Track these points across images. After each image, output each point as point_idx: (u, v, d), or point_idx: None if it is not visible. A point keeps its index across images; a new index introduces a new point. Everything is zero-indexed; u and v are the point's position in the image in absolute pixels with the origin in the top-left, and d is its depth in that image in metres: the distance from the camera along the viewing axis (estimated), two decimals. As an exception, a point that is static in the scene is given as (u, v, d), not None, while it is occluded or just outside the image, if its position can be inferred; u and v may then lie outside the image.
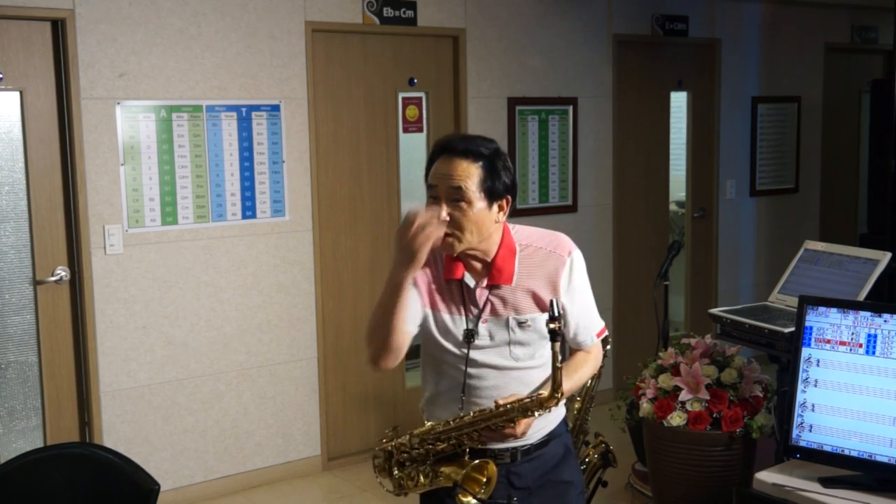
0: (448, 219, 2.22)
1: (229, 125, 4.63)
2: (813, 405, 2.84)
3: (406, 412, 5.30)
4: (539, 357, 2.35)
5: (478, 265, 2.34)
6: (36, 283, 4.27)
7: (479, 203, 2.24)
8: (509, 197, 2.30)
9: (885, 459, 2.72)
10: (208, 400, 4.68)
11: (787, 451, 2.90)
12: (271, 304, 4.82)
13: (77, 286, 4.33)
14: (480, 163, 2.25)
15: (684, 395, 3.80)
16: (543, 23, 5.65)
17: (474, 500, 2.24)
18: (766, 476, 2.88)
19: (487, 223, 2.27)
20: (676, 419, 3.78)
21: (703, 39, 6.48)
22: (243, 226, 4.71)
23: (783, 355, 3.69)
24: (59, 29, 4.22)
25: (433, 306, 2.37)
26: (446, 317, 2.36)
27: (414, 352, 2.63)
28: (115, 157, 4.35)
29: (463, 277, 2.33)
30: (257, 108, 4.70)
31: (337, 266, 5.07)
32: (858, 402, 2.77)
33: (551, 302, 2.13)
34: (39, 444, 4.30)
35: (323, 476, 5.00)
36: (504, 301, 2.31)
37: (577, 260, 2.36)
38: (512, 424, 2.24)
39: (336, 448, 5.11)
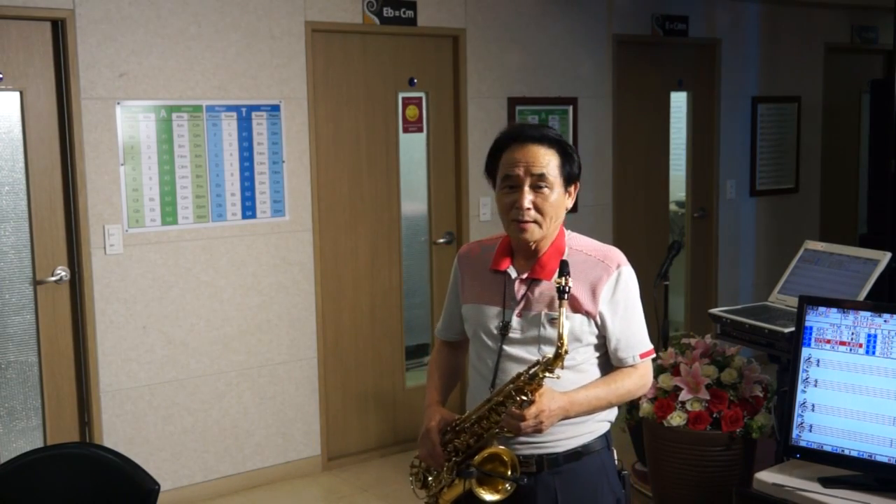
0: None
1: (229, 125, 4.63)
2: (813, 405, 2.84)
3: (406, 412, 5.30)
4: (569, 359, 2.24)
5: (525, 260, 2.34)
6: (36, 283, 4.27)
7: (558, 189, 2.27)
8: (577, 183, 2.32)
9: (885, 459, 2.72)
10: (208, 400, 4.68)
11: (787, 451, 2.90)
12: (271, 304, 4.82)
13: (77, 286, 4.33)
14: (556, 149, 2.27)
15: (684, 395, 3.80)
16: (543, 23, 5.65)
17: (489, 497, 2.19)
18: (766, 476, 2.88)
19: (562, 209, 2.30)
20: (676, 419, 3.78)
21: (703, 39, 6.48)
22: (243, 226, 4.71)
23: (783, 355, 3.69)
24: (59, 29, 4.21)
25: (472, 299, 2.39)
26: (484, 308, 2.35)
27: (415, 352, 2.65)
28: (115, 157, 4.35)
29: (507, 269, 2.34)
30: (257, 108, 4.70)
31: (337, 266, 5.07)
32: (858, 402, 2.77)
33: (562, 262, 2.16)
34: (39, 444, 4.30)
35: (323, 476, 5.00)
36: (540, 296, 2.28)
37: (626, 275, 2.31)
38: (525, 399, 2.15)
39: (336, 448, 5.11)
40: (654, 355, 2.39)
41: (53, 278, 4.29)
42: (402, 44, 5.19)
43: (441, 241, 5.40)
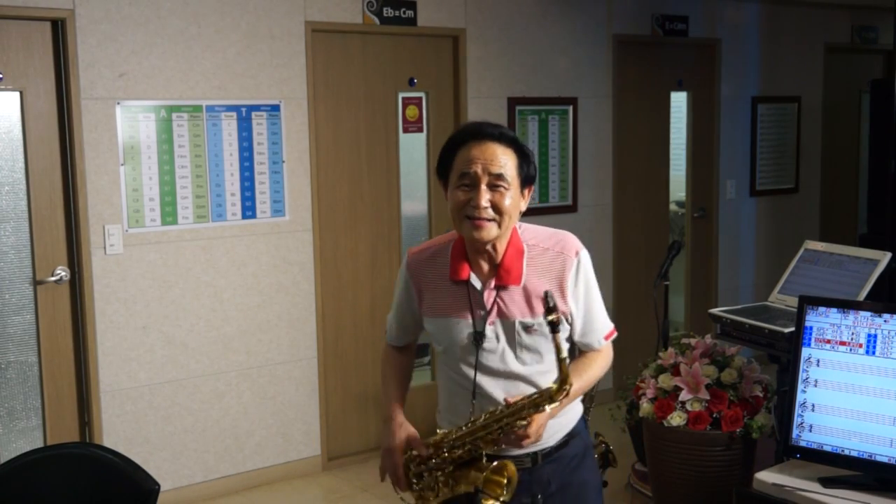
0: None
1: (229, 125, 4.63)
2: (813, 405, 2.84)
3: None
4: (548, 362, 2.24)
5: (485, 265, 2.28)
6: (36, 283, 4.27)
7: (515, 190, 2.22)
8: (532, 187, 2.28)
9: (885, 459, 2.72)
10: (208, 400, 4.68)
11: (787, 451, 2.90)
12: (271, 304, 4.82)
13: (77, 286, 4.33)
14: (514, 148, 2.22)
15: (684, 395, 3.80)
16: (543, 23, 5.65)
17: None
18: (766, 476, 2.88)
19: (517, 211, 2.24)
20: (676, 419, 3.78)
21: (703, 39, 6.48)
22: (243, 226, 4.71)
23: (783, 355, 3.69)
24: (59, 29, 4.22)
25: (436, 312, 2.33)
26: (452, 320, 2.29)
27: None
28: (115, 157, 4.35)
29: (469, 278, 2.28)
30: (257, 108, 4.70)
31: (337, 266, 5.07)
32: (858, 402, 2.77)
33: (546, 293, 2.09)
34: (39, 444, 4.30)
35: (323, 476, 5.00)
36: (512, 302, 2.25)
37: (585, 260, 2.30)
38: (524, 423, 2.14)
39: (336, 448, 5.12)
40: (615, 335, 2.42)
41: (53, 278, 4.29)
42: (402, 44, 5.19)
43: (441, 241, 5.40)
